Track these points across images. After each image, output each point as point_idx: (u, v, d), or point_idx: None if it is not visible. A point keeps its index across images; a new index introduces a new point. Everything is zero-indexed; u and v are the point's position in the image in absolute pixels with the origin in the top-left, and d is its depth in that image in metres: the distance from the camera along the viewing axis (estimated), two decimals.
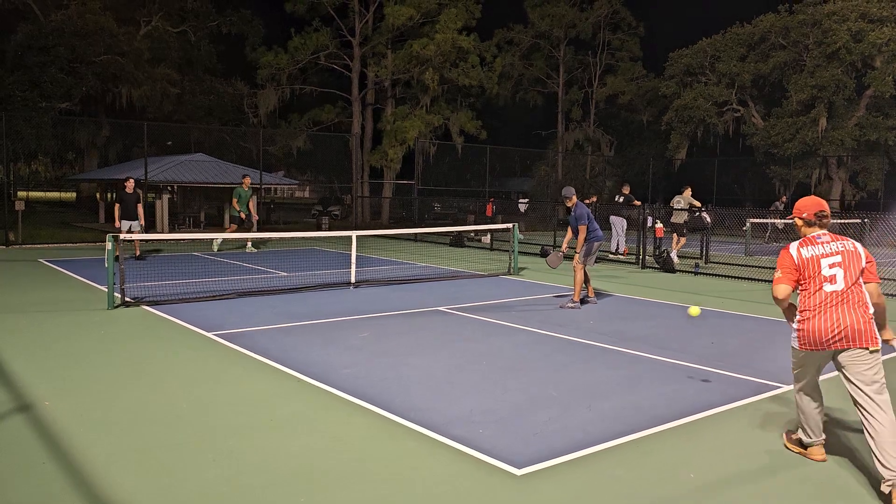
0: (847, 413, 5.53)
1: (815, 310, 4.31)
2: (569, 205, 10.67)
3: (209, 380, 6.21)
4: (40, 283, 11.82)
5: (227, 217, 17.73)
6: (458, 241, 21.23)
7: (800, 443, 4.74)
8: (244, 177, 18.10)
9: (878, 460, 4.08)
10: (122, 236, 10.04)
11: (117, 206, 14.60)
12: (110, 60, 30.23)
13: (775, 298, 4.48)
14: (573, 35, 40.96)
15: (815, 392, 4.59)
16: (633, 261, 16.39)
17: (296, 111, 35.86)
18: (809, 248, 4.41)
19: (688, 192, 17.28)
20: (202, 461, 4.40)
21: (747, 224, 20.79)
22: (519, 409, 5.49)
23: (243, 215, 17.65)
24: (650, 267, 15.73)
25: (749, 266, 15.78)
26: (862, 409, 4.23)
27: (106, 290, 9.65)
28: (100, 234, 21.08)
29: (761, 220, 22.62)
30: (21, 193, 45.98)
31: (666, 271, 15.12)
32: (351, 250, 12.28)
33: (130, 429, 4.93)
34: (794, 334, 4.44)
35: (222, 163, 27.75)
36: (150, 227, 22.52)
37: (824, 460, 4.59)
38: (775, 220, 22.25)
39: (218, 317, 9.00)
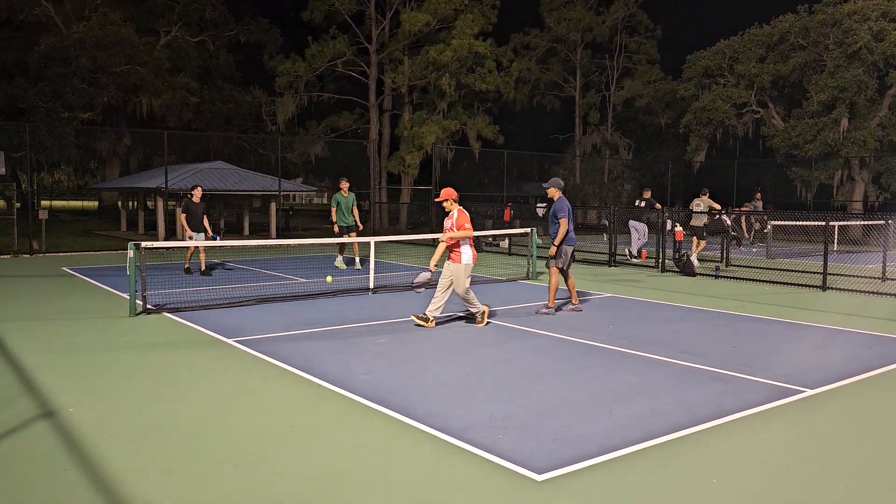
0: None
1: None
2: (553, 196, 9.85)
3: (230, 387, 6.25)
4: (63, 291, 11.97)
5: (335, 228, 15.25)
6: (476, 245, 21.17)
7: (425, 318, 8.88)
8: (341, 181, 15.39)
9: (433, 308, 8.92)
10: (150, 243, 10.11)
11: (183, 216, 13.82)
12: (131, 70, 30.63)
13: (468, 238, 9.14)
14: (590, 38, 40.85)
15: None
16: (653, 264, 16.27)
17: (314, 118, 36.08)
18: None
19: (706, 196, 17.14)
20: (224, 468, 4.42)
21: (768, 226, 20.58)
22: (539, 415, 5.46)
23: (336, 228, 15.12)
24: (670, 270, 15.62)
25: (771, 269, 15.60)
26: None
27: (128, 297, 9.75)
28: (122, 242, 21.32)
29: (783, 223, 22.37)
30: (44, 203, 46.66)
31: (686, 275, 15.00)
32: (369, 256, 12.31)
33: (152, 436, 4.97)
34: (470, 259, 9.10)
35: (241, 170, 27.97)
36: (171, 234, 22.76)
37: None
38: (796, 221, 21.96)
39: (238, 324, 9.06)
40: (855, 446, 4.93)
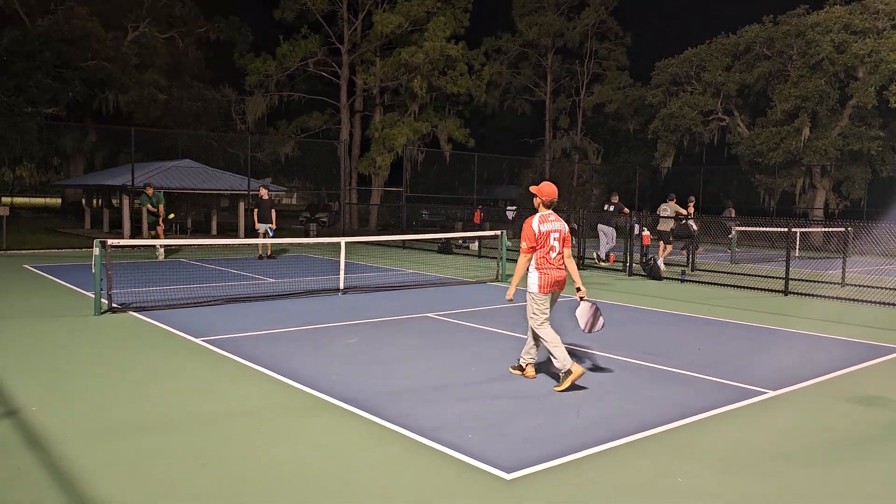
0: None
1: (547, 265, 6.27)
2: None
3: (197, 386, 6.19)
4: (26, 289, 11.73)
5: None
6: (446, 248, 21.26)
7: (520, 367, 6.63)
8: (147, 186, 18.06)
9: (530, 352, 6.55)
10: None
11: (255, 210, 16.87)
12: (97, 66, 30.09)
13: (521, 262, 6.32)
14: (561, 44, 41.19)
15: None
16: (621, 268, 16.47)
17: (284, 118, 35.82)
18: (546, 224, 6.26)
19: (673, 201, 17.41)
20: (191, 469, 4.39)
21: (733, 232, 20.96)
22: (508, 415, 5.51)
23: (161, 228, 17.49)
24: (637, 274, 15.83)
25: (735, 273, 15.91)
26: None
27: (93, 296, 9.60)
28: (86, 240, 20.94)
29: (747, 228, 22.80)
30: (5, 199, 45.57)
31: (653, 278, 15.21)
32: (339, 257, 12.28)
33: (118, 436, 4.91)
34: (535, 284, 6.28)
35: (210, 169, 27.64)
36: (136, 232, 22.41)
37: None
38: (770, 228, 22.39)
39: (206, 323, 8.97)
40: (815, 445, 5.07)
